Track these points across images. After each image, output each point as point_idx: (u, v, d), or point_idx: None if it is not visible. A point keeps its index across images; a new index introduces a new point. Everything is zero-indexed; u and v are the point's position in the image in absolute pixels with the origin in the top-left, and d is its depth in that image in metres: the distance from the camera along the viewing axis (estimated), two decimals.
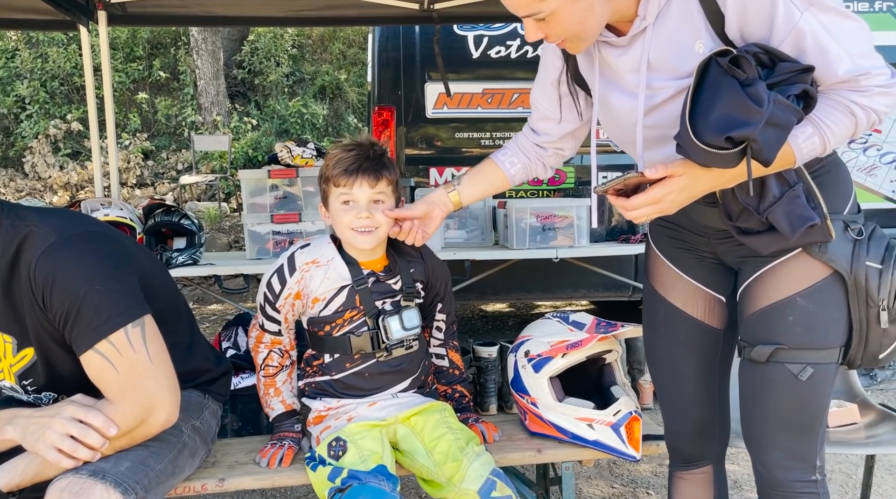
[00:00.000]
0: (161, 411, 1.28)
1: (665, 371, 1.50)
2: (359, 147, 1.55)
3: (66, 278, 1.23)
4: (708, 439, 1.51)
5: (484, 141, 4.08)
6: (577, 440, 1.62)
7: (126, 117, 9.16)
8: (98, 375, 1.26)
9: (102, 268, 1.27)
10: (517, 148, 1.59)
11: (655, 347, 1.52)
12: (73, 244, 1.26)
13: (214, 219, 7.09)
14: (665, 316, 1.47)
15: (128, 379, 1.25)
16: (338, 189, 1.53)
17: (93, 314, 1.23)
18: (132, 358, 1.25)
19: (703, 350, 1.46)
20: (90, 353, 1.24)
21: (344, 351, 1.58)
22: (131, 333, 1.25)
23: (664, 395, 1.52)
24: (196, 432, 1.48)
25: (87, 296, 1.23)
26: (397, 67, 4.04)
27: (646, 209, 1.18)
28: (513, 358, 1.73)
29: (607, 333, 1.59)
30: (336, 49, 10.29)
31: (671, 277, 1.46)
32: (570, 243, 3.23)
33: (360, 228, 1.52)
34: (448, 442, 1.50)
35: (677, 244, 1.46)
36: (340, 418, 1.57)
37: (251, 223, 3.14)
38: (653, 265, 1.51)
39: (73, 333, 1.24)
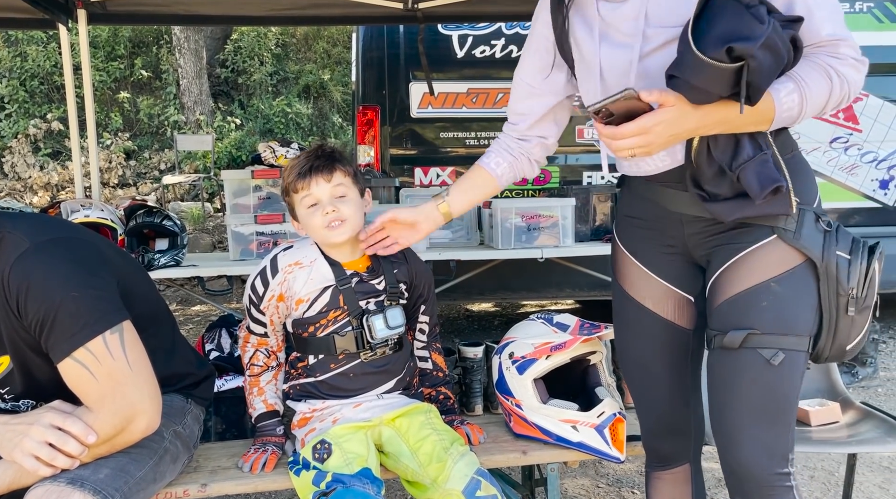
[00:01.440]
0: (142, 419, 1.26)
1: (637, 372, 1.51)
2: (307, 151, 1.59)
3: (41, 286, 1.20)
4: (683, 437, 1.52)
5: (469, 141, 4.08)
6: (561, 442, 1.62)
7: (108, 117, 9.07)
8: (76, 383, 1.23)
9: (78, 274, 1.24)
10: (500, 148, 1.59)
11: (627, 348, 1.52)
12: (47, 251, 1.24)
13: (198, 219, 7.04)
14: (636, 317, 1.47)
15: (107, 387, 1.23)
16: (298, 194, 1.55)
17: (69, 322, 1.20)
18: (111, 365, 1.22)
19: (674, 350, 1.46)
20: (67, 361, 1.21)
21: (328, 351, 1.58)
22: (109, 339, 1.23)
23: (637, 395, 1.53)
24: (178, 437, 1.46)
25: (62, 303, 1.20)
26: (381, 67, 4.03)
27: (633, 140, 1.16)
28: (497, 360, 1.73)
29: (591, 334, 1.60)
30: (320, 48, 10.25)
31: (640, 276, 1.46)
32: (554, 243, 3.23)
33: (329, 222, 1.52)
34: (433, 443, 1.50)
35: (646, 242, 1.45)
36: (325, 419, 1.56)
37: (234, 224, 3.11)
38: (621, 264, 1.51)
39: (50, 342, 1.22)
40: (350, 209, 1.54)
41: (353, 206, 1.56)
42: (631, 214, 1.47)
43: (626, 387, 3.26)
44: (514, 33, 4.04)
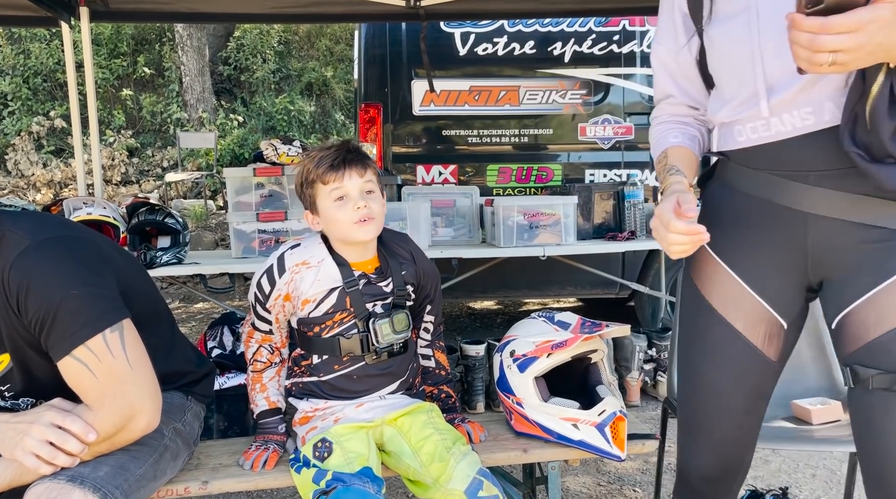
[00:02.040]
0: (142, 417, 1.26)
1: (708, 402, 1.28)
2: (336, 145, 1.56)
3: (41, 284, 1.20)
4: (734, 480, 1.34)
5: (471, 138, 4.08)
6: (562, 440, 1.61)
7: (110, 114, 9.08)
8: (76, 381, 1.23)
9: (78, 272, 1.24)
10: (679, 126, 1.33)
11: (700, 371, 1.28)
12: (47, 249, 1.23)
13: (200, 217, 7.04)
14: (720, 338, 1.24)
15: (107, 385, 1.23)
16: (327, 186, 1.51)
17: (69, 320, 1.20)
18: (111, 364, 1.22)
19: (756, 384, 1.24)
20: (67, 359, 1.21)
21: (333, 353, 1.57)
22: (109, 338, 1.23)
23: (697, 426, 1.31)
24: (178, 434, 1.46)
25: (63, 301, 1.20)
26: (384, 65, 4.03)
27: (842, 38, 0.89)
28: (498, 358, 1.73)
29: (592, 333, 1.59)
30: (323, 46, 10.24)
31: (733, 290, 1.22)
32: (557, 241, 3.23)
33: (360, 218, 1.50)
34: (434, 442, 1.49)
35: (746, 247, 1.19)
36: (327, 418, 1.56)
37: (237, 222, 3.12)
38: (707, 270, 1.25)
39: (50, 340, 1.22)
40: (378, 207, 1.53)
41: (380, 204, 1.55)
42: (731, 213, 1.23)
43: (628, 385, 3.31)
44: (516, 31, 4.04)
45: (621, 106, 4.12)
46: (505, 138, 4.10)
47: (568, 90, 4.08)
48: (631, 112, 4.12)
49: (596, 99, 4.09)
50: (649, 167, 4.16)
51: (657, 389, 3.43)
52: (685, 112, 1.34)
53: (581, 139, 4.11)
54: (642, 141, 4.14)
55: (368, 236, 1.53)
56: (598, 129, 4.12)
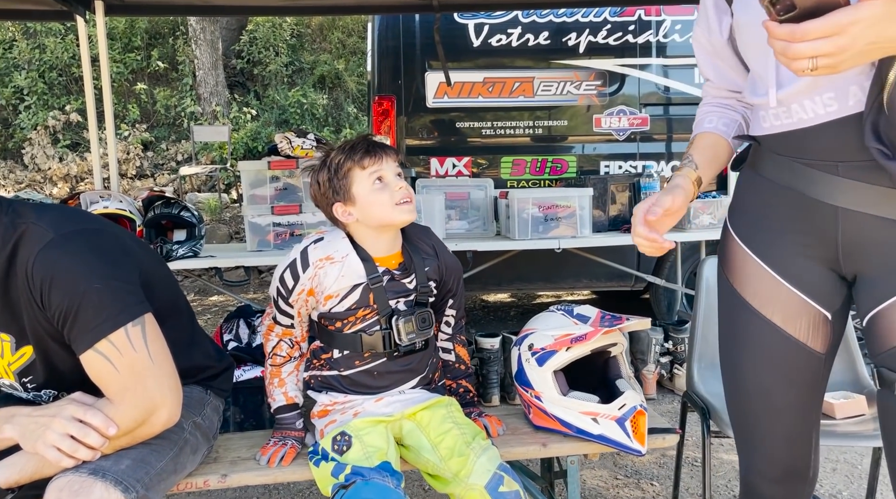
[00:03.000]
0: (163, 411, 1.27)
1: (754, 403, 1.23)
2: (364, 135, 1.58)
3: (65, 277, 1.20)
4: (800, 481, 1.27)
5: (485, 130, 4.06)
6: (581, 435, 1.60)
7: (125, 108, 9.12)
8: (98, 374, 1.24)
9: (101, 265, 1.24)
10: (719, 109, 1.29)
11: (742, 371, 1.23)
12: (71, 242, 1.24)
13: (215, 210, 7.07)
14: (758, 335, 1.19)
15: (128, 379, 1.23)
16: (366, 170, 1.52)
17: (92, 313, 1.21)
18: (133, 357, 1.23)
19: (804, 378, 1.19)
20: (90, 352, 1.22)
21: (354, 349, 1.57)
22: (131, 332, 1.23)
23: (749, 429, 1.27)
24: (197, 428, 1.47)
25: (86, 294, 1.20)
26: (397, 56, 4.01)
27: (818, 44, 0.85)
28: (516, 351, 1.72)
29: (612, 326, 1.58)
30: (335, 38, 10.23)
31: (768, 284, 1.18)
32: (572, 233, 3.21)
33: (403, 198, 1.51)
34: (454, 437, 1.49)
35: (778, 239, 1.15)
36: (346, 412, 1.56)
37: (251, 215, 3.12)
38: (740, 266, 1.21)
39: (73, 333, 1.22)
40: (411, 190, 1.55)
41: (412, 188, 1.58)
42: (758, 201, 1.19)
43: (645, 378, 3.29)
44: (530, 21, 4.01)
45: (637, 97, 4.07)
46: (519, 130, 4.08)
47: (583, 81, 4.05)
48: (647, 103, 4.08)
49: (611, 90, 4.06)
50: (665, 158, 4.12)
51: (674, 382, 3.41)
52: (726, 95, 1.30)
53: (596, 131, 4.07)
54: (658, 132, 4.10)
55: (411, 217, 1.54)
56: (613, 120, 4.08)
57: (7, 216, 1.25)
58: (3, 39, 9.23)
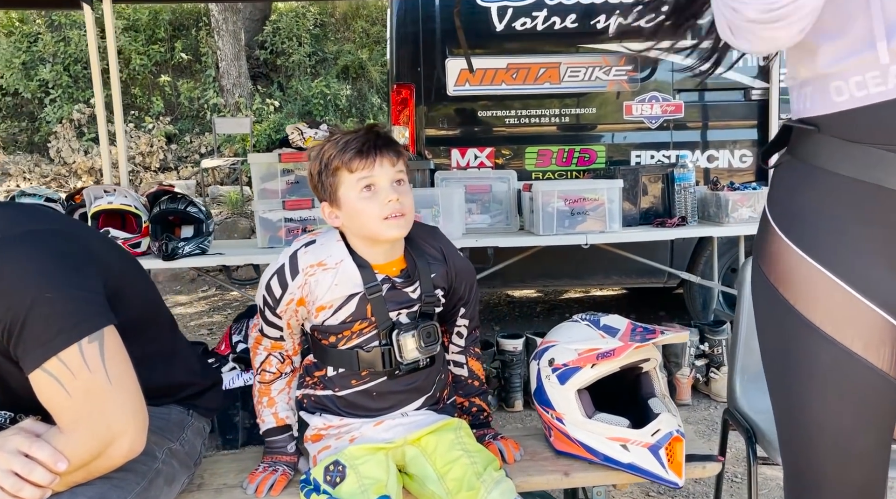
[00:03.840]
0: (123, 440, 1.10)
1: (823, 445, 1.01)
2: (366, 128, 1.36)
3: (11, 283, 1.05)
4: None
5: (509, 119, 3.86)
6: (609, 463, 1.42)
7: (149, 101, 9.08)
8: (48, 399, 1.07)
9: (56, 271, 1.08)
10: None
11: (808, 409, 1.01)
12: (22, 243, 1.09)
13: (236, 203, 6.97)
14: (832, 365, 0.97)
15: (82, 404, 1.07)
16: (354, 174, 1.32)
17: (41, 327, 1.05)
18: (87, 379, 1.06)
19: (887, 419, 0.98)
20: (38, 372, 1.05)
21: (350, 367, 1.39)
22: (87, 349, 1.07)
23: (813, 476, 1.05)
24: (173, 456, 1.31)
25: (35, 304, 1.04)
26: (416, 43, 3.83)
27: None
28: (535, 366, 1.53)
29: (645, 341, 1.38)
30: (359, 27, 10.06)
31: (839, 300, 0.95)
32: (600, 228, 3.01)
33: (391, 213, 1.32)
34: (463, 467, 1.31)
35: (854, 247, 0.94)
36: (342, 437, 1.39)
37: (262, 210, 2.97)
38: (801, 279, 0.99)
39: (19, 349, 1.06)
40: (409, 201, 1.34)
41: (411, 197, 1.36)
42: (825, 201, 0.96)
43: (678, 382, 3.08)
44: (556, 3, 3.79)
45: (670, 82, 3.83)
46: (545, 119, 3.87)
47: (612, 66, 3.82)
48: (681, 89, 3.84)
49: (642, 75, 3.82)
50: (700, 148, 3.88)
51: (710, 386, 3.19)
52: None
53: (626, 118, 3.85)
54: (693, 120, 3.86)
55: (398, 234, 1.35)
56: (644, 107, 3.85)
57: None
58: (29, 33, 9.23)
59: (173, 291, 6.18)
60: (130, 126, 8.70)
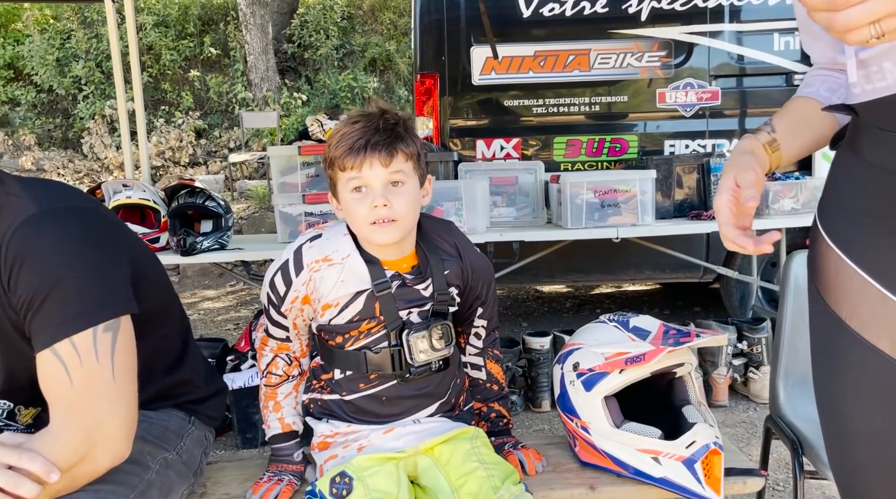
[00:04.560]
0: (109, 444, 1.03)
1: (862, 451, 0.94)
2: (365, 118, 1.24)
3: (40, 258, 1.01)
4: None
5: (536, 108, 3.74)
6: (639, 477, 1.30)
7: (179, 96, 9.12)
8: (48, 381, 1.02)
9: (86, 251, 1.05)
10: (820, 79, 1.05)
11: (843, 412, 0.95)
12: (56, 220, 1.05)
13: (263, 198, 6.95)
14: (862, 364, 0.90)
15: (81, 395, 1.01)
16: (345, 173, 1.23)
17: (62, 305, 1.01)
18: (92, 369, 1.02)
19: None
20: (47, 353, 1.01)
21: (358, 369, 1.30)
22: (100, 338, 1.03)
23: (857, 488, 0.97)
24: (169, 466, 1.22)
25: (59, 282, 1.01)
26: (441, 31, 3.72)
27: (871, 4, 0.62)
28: (559, 371, 1.42)
29: (679, 344, 1.26)
30: (386, 19, 9.98)
31: (867, 296, 0.89)
32: (632, 221, 2.87)
33: (376, 219, 1.22)
34: (479, 480, 1.21)
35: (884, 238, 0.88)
36: (349, 445, 1.30)
37: (282, 204, 2.90)
38: (837, 278, 0.93)
39: (34, 325, 1.02)
40: (404, 205, 1.23)
41: (409, 199, 1.24)
42: (858, 193, 0.91)
43: (715, 382, 2.94)
44: None
45: (706, 68, 3.66)
46: (574, 108, 3.73)
47: (645, 52, 3.67)
48: (717, 75, 3.66)
49: (677, 61, 3.66)
50: (738, 136, 3.70)
51: (748, 387, 3.04)
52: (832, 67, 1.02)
53: (660, 106, 3.69)
54: (730, 107, 3.69)
55: (387, 240, 1.24)
56: (679, 94, 3.69)
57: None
58: (63, 30, 9.33)
59: (202, 286, 6.19)
60: (161, 121, 8.75)
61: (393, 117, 1.25)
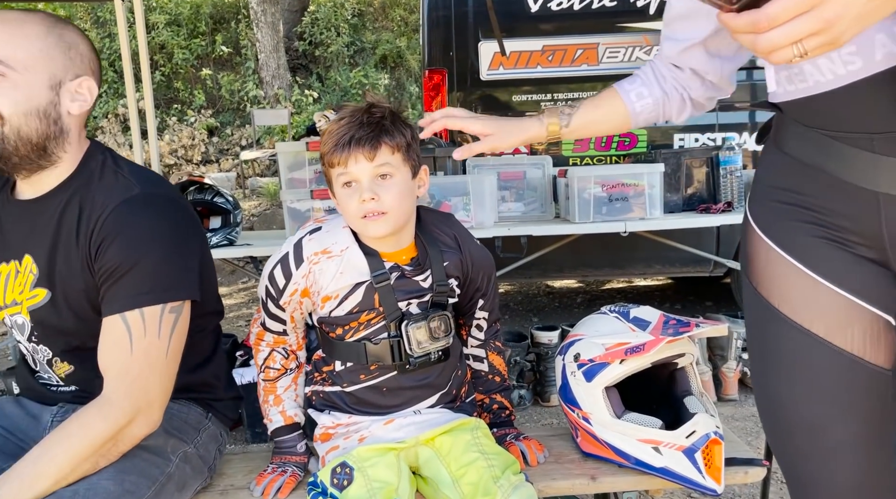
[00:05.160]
0: (149, 413, 1.13)
1: (802, 440, 0.95)
2: (350, 113, 1.25)
3: (132, 235, 1.14)
4: None
5: (545, 103, 3.73)
6: (640, 467, 1.31)
7: (191, 94, 9.18)
8: (111, 345, 1.12)
9: (172, 238, 1.17)
10: (650, 76, 1.20)
11: (780, 401, 0.96)
12: (151, 204, 1.18)
13: (274, 194, 6.99)
14: (795, 350, 0.92)
15: (137, 363, 1.12)
16: (335, 170, 1.25)
17: (140, 279, 1.13)
18: (152, 343, 1.13)
19: (867, 405, 0.91)
20: (116, 318, 1.12)
21: (358, 360, 1.32)
22: (166, 316, 1.14)
23: (801, 477, 0.98)
24: (187, 460, 1.26)
25: (145, 257, 1.13)
26: (448, 27, 3.72)
27: (794, 25, 0.63)
28: (560, 361, 1.43)
29: (678, 334, 1.26)
30: (396, 16, 9.99)
31: (798, 282, 0.92)
32: (640, 215, 2.87)
33: (368, 212, 1.23)
34: (479, 470, 1.22)
35: (812, 233, 0.92)
36: (350, 436, 1.31)
37: (290, 200, 2.92)
38: (766, 266, 0.97)
39: (111, 292, 1.13)
40: (393, 197, 1.23)
41: (399, 191, 1.24)
42: (781, 184, 0.95)
43: (724, 377, 2.93)
44: None
45: None
46: None
47: (654, 46, 3.65)
48: None
49: None
50: (748, 129, 3.68)
51: None
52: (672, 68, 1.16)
53: None
54: (740, 100, 3.66)
55: (378, 233, 1.26)
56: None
57: (103, 155, 1.23)
58: None
59: None
60: (173, 120, 8.82)
61: (379, 110, 1.26)
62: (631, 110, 1.18)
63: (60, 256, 1.18)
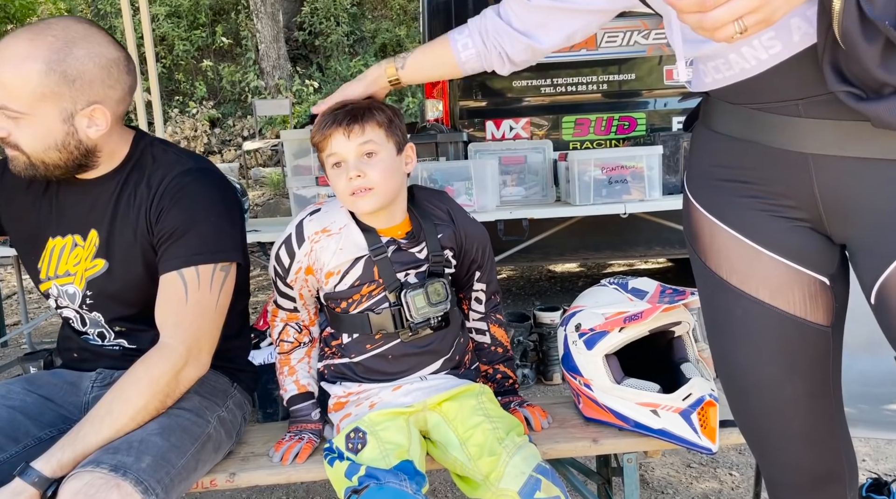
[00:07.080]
0: (199, 357, 1.25)
1: (756, 400, 1.04)
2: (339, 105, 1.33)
3: (190, 201, 1.27)
4: (835, 484, 1.08)
5: (545, 88, 3.77)
6: (639, 429, 1.37)
7: (193, 86, 9.23)
8: (167, 298, 1.25)
9: (223, 205, 1.31)
10: (476, 28, 1.25)
11: (734, 364, 1.05)
12: (205, 177, 1.32)
13: (277, 184, 7.06)
14: (744, 316, 1.01)
15: (191, 313, 1.25)
16: (324, 153, 1.33)
17: (196, 240, 1.26)
18: (205, 296, 1.26)
19: (810, 360, 1.00)
20: (173, 274, 1.25)
21: (363, 331, 1.39)
22: (217, 274, 1.27)
23: (758, 435, 1.08)
24: (222, 424, 1.35)
25: (200, 222, 1.27)
26: (448, 13, 3.77)
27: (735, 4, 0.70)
28: (562, 332, 1.49)
29: (673, 302, 1.33)
30: (396, 4, 10.01)
31: (745, 255, 0.99)
32: (640, 197, 2.92)
33: (356, 189, 1.30)
34: (484, 432, 1.29)
35: (746, 204, 0.98)
36: (362, 404, 1.38)
37: (296, 187, 2.97)
38: (710, 240, 1.04)
39: (169, 251, 1.26)
40: (379, 173, 1.30)
41: (385, 167, 1.31)
42: (717, 162, 1.02)
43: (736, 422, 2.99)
44: None
45: None
46: (582, 87, 3.77)
47: (652, 30, 3.69)
48: None
49: None
50: None
51: None
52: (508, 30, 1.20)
53: (667, 84, 3.72)
54: None
55: (367, 208, 1.33)
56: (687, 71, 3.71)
57: (148, 139, 1.35)
58: None
59: None
60: (175, 111, 8.87)
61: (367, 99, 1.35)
62: (457, 59, 1.26)
63: (118, 228, 1.30)
